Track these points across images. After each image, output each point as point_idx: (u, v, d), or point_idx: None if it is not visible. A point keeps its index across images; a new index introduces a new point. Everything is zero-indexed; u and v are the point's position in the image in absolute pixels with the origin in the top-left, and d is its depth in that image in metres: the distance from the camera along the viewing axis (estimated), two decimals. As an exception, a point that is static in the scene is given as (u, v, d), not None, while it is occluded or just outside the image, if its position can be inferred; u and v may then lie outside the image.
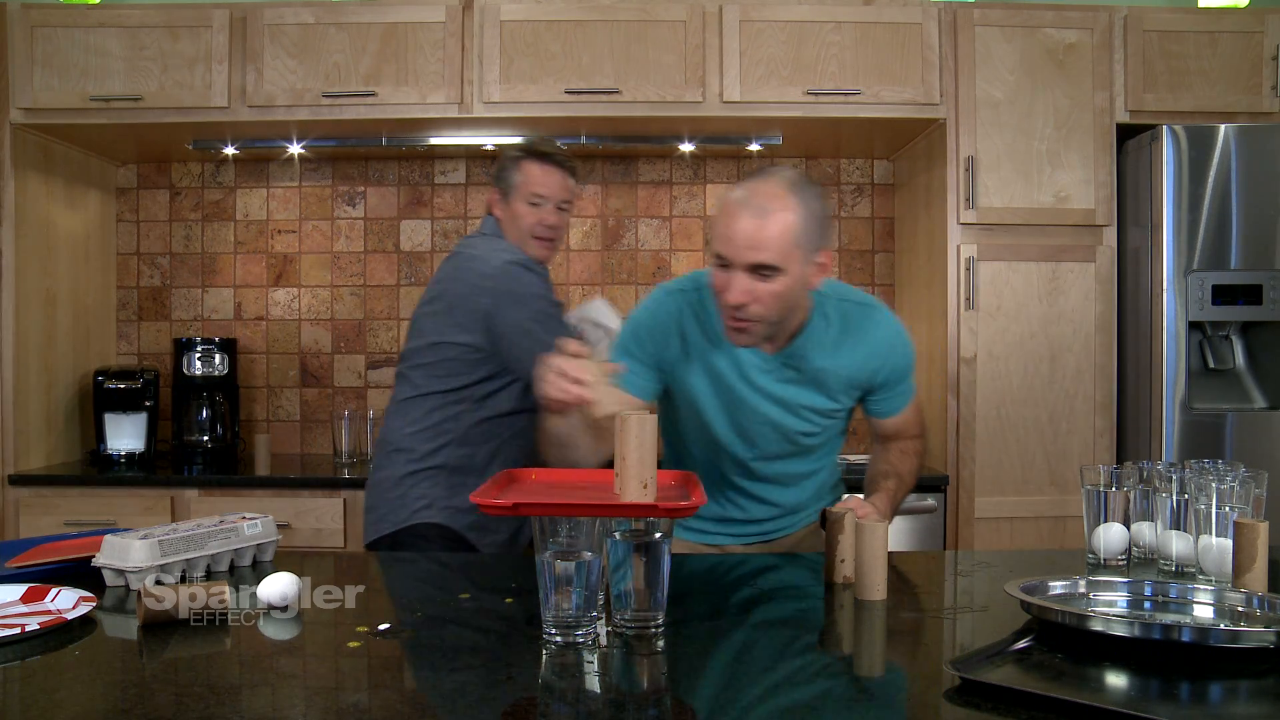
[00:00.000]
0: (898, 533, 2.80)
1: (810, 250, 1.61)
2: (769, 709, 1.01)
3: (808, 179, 1.65)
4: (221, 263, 3.44)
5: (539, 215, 2.22)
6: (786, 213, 1.57)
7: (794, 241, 1.57)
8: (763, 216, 1.56)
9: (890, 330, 1.79)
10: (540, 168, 2.23)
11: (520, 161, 2.25)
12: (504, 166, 2.27)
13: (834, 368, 1.75)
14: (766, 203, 1.57)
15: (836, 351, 1.74)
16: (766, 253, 1.56)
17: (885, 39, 2.87)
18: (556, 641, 1.17)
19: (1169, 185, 2.71)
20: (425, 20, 2.87)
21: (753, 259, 1.56)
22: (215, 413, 3.19)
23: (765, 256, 1.56)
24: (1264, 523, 1.38)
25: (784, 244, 1.57)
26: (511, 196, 2.24)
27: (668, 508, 1.22)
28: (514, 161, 2.26)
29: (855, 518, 1.50)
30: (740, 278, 1.58)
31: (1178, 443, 2.72)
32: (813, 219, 1.60)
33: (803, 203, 1.58)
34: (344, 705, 1.03)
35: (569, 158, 2.28)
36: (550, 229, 2.24)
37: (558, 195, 2.24)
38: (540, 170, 2.24)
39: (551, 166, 2.24)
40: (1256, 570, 1.36)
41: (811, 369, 1.74)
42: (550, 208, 2.23)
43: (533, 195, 2.22)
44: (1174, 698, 1.02)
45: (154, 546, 1.42)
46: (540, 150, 2.26)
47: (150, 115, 2.88)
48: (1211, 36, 2.89)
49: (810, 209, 1.60)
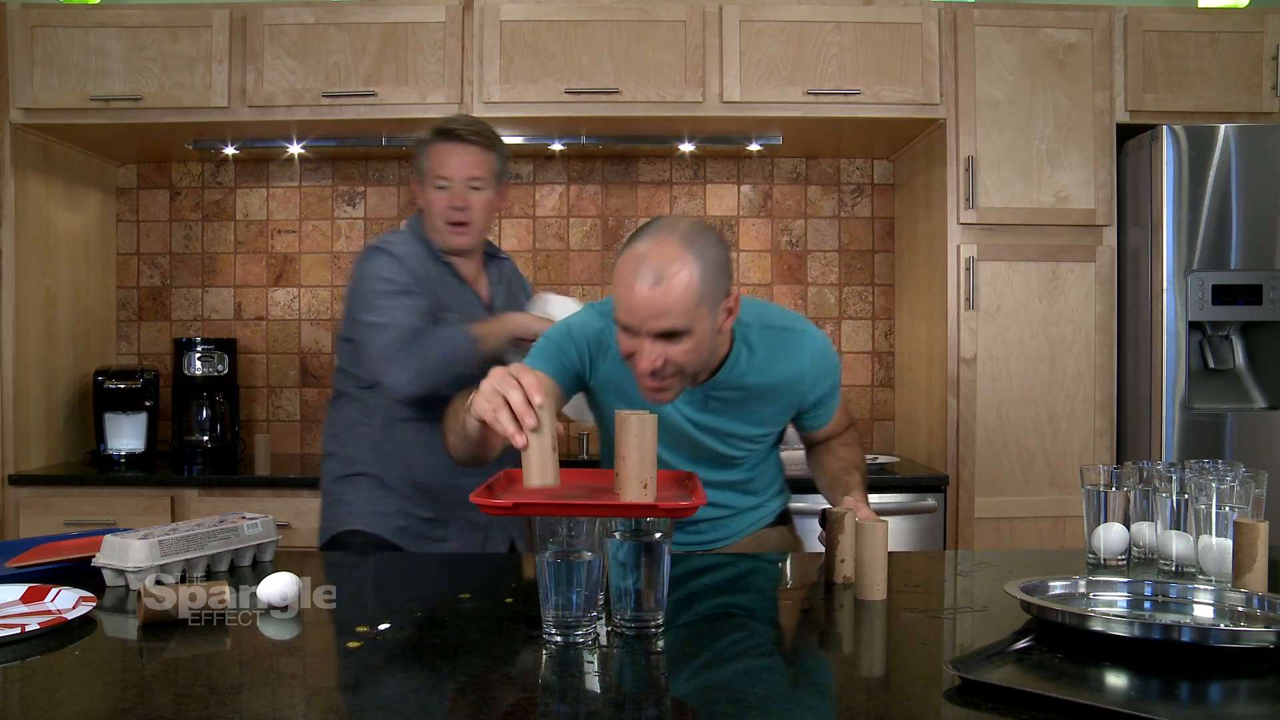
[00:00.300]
0: (898, 533, 2.80)
1: (715, 302, 1.55)
2: (769, 709, 1.01)
3: (702, 227, 1.58)
4: (221, 263, 3.44)
5: (446, 199, 2.07)
6: (684, 273, 1.49)
7: (697, 300, 1.51)
8: (662, 282, 1.48)
9: (817, 352, 1.75)
10: (442, 147, 2.09)
11: (426, 145, 2.12)
12: (417, 152, 2.14)
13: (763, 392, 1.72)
14: (663, 266, 1.49)
15: (764, 376, 1.72)
16: (670, 318, 1.50)
17: (885, 39, 2.87)
18: (556, 641, 1.17)
19: (1169, 185, 2.71)
20: (425, 20, 2.87)
21: (657, 327, 1.51)
22: (215, 413, 3.19)
23: (670, 323, 1.50)
24: (1264, 523, 1.38)
25: (687, 306, 1.50)
26: (424, 184, 2.12)
27: (668, 508, 1.22)
28: (422, 146, 2.13)
29: (855, 518, 1.50)
30: (648, 344, 1.53)
31: (1178, 443, 2.72)
32: (712, 270, 1.53)
33: (699, 257, 1.51)
34: (344, 705, 1.03)
35: (480, 130, 2.10)
36: (459, 211, 2.07)
37: (463, 174, 2.07)
38: (442, 150, 2.09)
39: (454, 144, 2.08)
40: (1256, 570, 1.36)
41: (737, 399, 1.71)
42: (458, 189, 2.07)
43: (437, 179, 2.08)
44: (1174, 698, 1.02)
45: (154, 546, 1.42)
46: (443, 129, 2.10)
47: (150, 115, 2.88)
48: (1211, 36, 2.89)
49: (708, 261, 1.52)
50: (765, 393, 1.73)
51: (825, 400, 1.81)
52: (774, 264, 3.43)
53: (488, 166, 2.10)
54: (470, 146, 2.08)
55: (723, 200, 3.43)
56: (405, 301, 2.01)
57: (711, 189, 3.43)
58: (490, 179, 2.11)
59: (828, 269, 3.44)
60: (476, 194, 2.08)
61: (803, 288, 3.44)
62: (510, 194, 2.14)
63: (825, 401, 1.81)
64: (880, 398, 3.44)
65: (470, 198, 2.08)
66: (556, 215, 3.43)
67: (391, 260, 2.05)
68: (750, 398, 1.72)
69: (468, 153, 2.08)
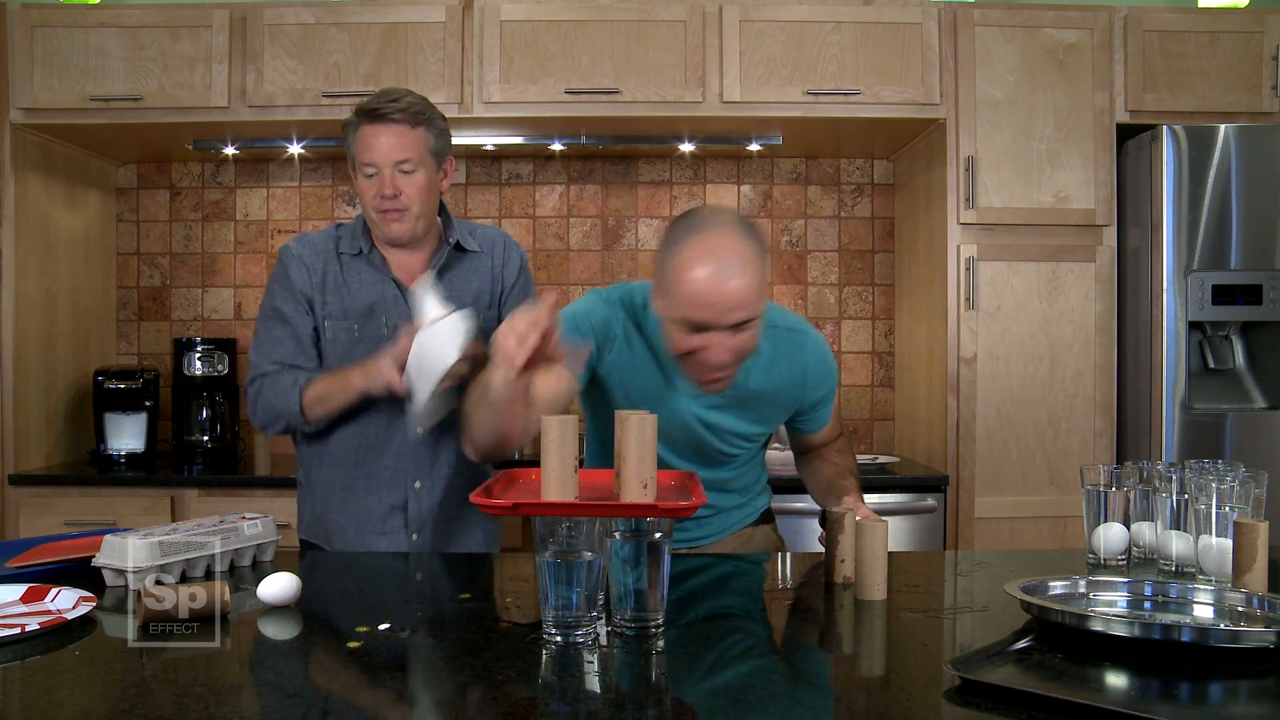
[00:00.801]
0: (898, 532, 2.80)
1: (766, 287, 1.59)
2: (769, 709, 1.01)
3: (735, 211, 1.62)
4: (221, 263, 3.44)
5: (375, 186, 1.86)
6: (752, 261, 1.52)
7: (761, 286, 1.55)
8: (741, 275, 1.50)
9: (818, 355, 1.78)
10: (366, 129, 1.86)
11: (351, 129, 1.89)
12: (345, 137, 1.92)
13: (765, 395, 1.73)
14: (737, 259, 1.51)
15: (767, 378, 1.73)
16: (748, 309, 1.53)
17: (885, 39, 2.87)
18: (556, 641, 1.17)
19: (1169, 185, 2.71)
20: (425, 20, 2.87)
21: (738, 319, 1.53)
22: (215, 413, 3.19)
23: (748, 313, 1.53)
24: (1264, 523, 1.38)
25: (761, 294, 1.54)
26: (354, 172, 1.91)
27: (668, 508, 1.22)
28: (351, 128, 1.89)
29: (855, 518, 1.50)
30: (724, 337, 1.54)
31: (1178, 443, 2.72)
32: (763, 256, 1.56)
33: (757, 244, 1.55)
34: (344, 705, 1.03)
35: (406, 106, 1.86)
36: (389, 200, 1.86)
37: (391, 157, 1.84)
38: (366, 133, 1.86)
39: (378, 125, 1.85)
40: (1256, 570, 1.36)
41: (742, 398, 1.72)
42: (386, 175, 1.85)
43: (365, 166, 1.86)
44: (1174, 698, 1.02)
45: (154, 546, 1.42)
46: (364, 108, 1.87)
47: (150, 115, 2.88)
48: (1211, 36, 2.89)
49: (760, 245, 1.56)
50: (768, 392, 1.74)
51: (823, 404, 1.82)
52: (774, 264, 3.43)
53: (418, 145, 1.87)
54: (395, 126, 1.85)
55: (723, 200, 3.43)
56: (275, 332, 1.93)
57: (711, 189, 3.43)
58: (423, 157, 1.88)
59: (828, 269, 3.44)
60: (408, 178, 1.87)
61: (803, 288, 3.44)
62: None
63: (822, 405, 1.83)
64: (880, 398, 3.44)
65: (401, 183, 1.86)
66: (556, 215, 3.43)
67: (281, 274, 1.94)
68: (753, 397, 1.73)
69: (393, 133, 1.85)
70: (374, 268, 1.95)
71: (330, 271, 1.94)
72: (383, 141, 1.84)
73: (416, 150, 1.87)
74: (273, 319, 1.94)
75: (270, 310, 1.95)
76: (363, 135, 1.86)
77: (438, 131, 1.91)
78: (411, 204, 1.88)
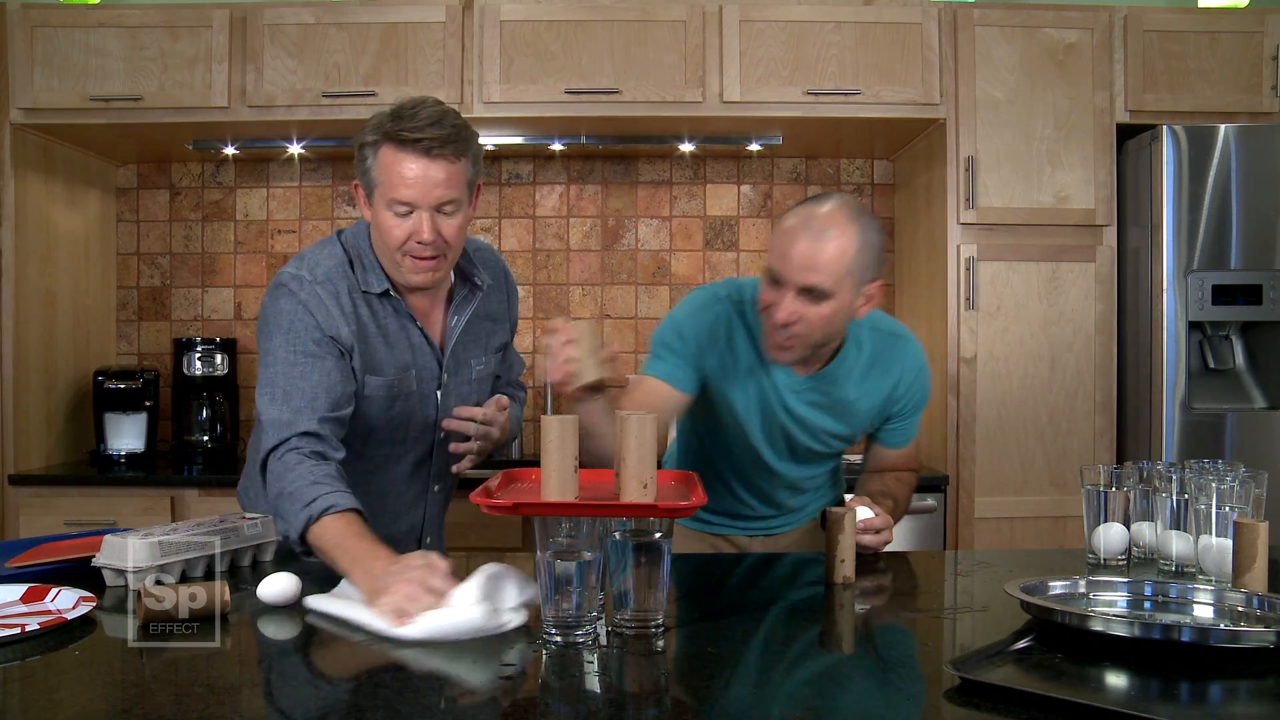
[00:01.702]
0: (898, 532, 2.78)
1: (861, 279, 1.61)
2: (769, 709, 1.01)
3: (868, 210, 1.66)
4: (221, 263, 3.44)
5: (408, 228, 1.54)
6: (844, 239, 1.56)
7: (847, 268, 1.57)
8: (820, 239, 1.56)
9: (916, 363, 1.80)
10: (397, 156, 1.52)
11: (379, 147, 1.55)
12: (361, 153, 1.59)
13: (860, 398, 1.75)
14: (826, 226, 1.56)
15: (864, 380, 1.75)
16: (820, 275, 1.56)
17: (885, 39, 2.87)
18: (556, 641, 1.17)
19: (1169, 185, 2.71)
20: (425, 20, 2.87)
21: (806, 280, 1.56)
22: (215, 413, 3.19)
23: (818, 279, 1.56)
24: (1264, 523, 1.38)
25: (838, 269, 1.57)
26: (371, 197, 1.59)
27: (668, 508, 1.22)
28: (372, 148, 1.56)
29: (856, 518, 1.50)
30: (790, 297, 1.58)
31: (1178, 443, 2.72)
32: (869, 249, 1.60)
33: (861, 231, 1.58)
34: (344, 705, 1.03)
35: (447, 135, 1.52)
36: (426, 246, 1.55)
37: (432, 197, 1.52)
38: (398, 162, 1.52)
39: (415, 156, 1.51)
40: (1256, 570, 1.36)
41: (838, 397, 1.75)
42: (426, 218, 1.53)
43: (395, 203, 1.54)
44: (1174, 698, 1.02)
45: (154, 546, 1.42)
46: (396, 133, 1.52)
47: (150, 115, 2.88)
48: (1211, 36, 2.89)
49: (868, 238, 1.59)
50: (863, 395, 1.76)
51: (909, 415, 1.82)
52: (774, 264, 3.43)
53: (460, 180, 1.55)
54: (439, 161, 1.52)
55: (723, 200, 3.43)
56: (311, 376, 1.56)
57: (711, 189, 3.43)
58: (464, 194, 1.57)
59: (828, 269, 3.44)
60: (449, 220, 1.55)
61: (803, 288, 3.44)
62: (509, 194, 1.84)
63: (908, 416, 1.82)
64: (880, 398, 3.43)
65: (441, 226, 1.55)
66: (556, 215, 3.43)
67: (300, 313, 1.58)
68: (850, 400, 1.75)
69: (437, 168, 1.52)
70: (400, 313, 1.67)
71: (362, 314, 1.63)
72: (423, 176, 1.52)
73: (459, 188, 1.55)
74: (299, 363, 1.56)
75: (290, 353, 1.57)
76: (393, 163, 1.53)
77: (474, 157, 1.58)
78: (449, 250, 1.58)
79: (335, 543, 1.40)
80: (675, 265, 3.42)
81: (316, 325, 1.58)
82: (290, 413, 1.53)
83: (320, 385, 1.55)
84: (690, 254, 3.43)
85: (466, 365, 1.76)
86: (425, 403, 1.71)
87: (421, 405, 1.71)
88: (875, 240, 1.62)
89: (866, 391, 1.76)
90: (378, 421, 1.67)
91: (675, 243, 3.43)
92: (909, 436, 1.86)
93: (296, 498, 1.45)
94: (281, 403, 1.54)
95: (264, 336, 1.62)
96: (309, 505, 1.43)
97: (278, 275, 1.65)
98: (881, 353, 1.76)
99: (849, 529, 1.49)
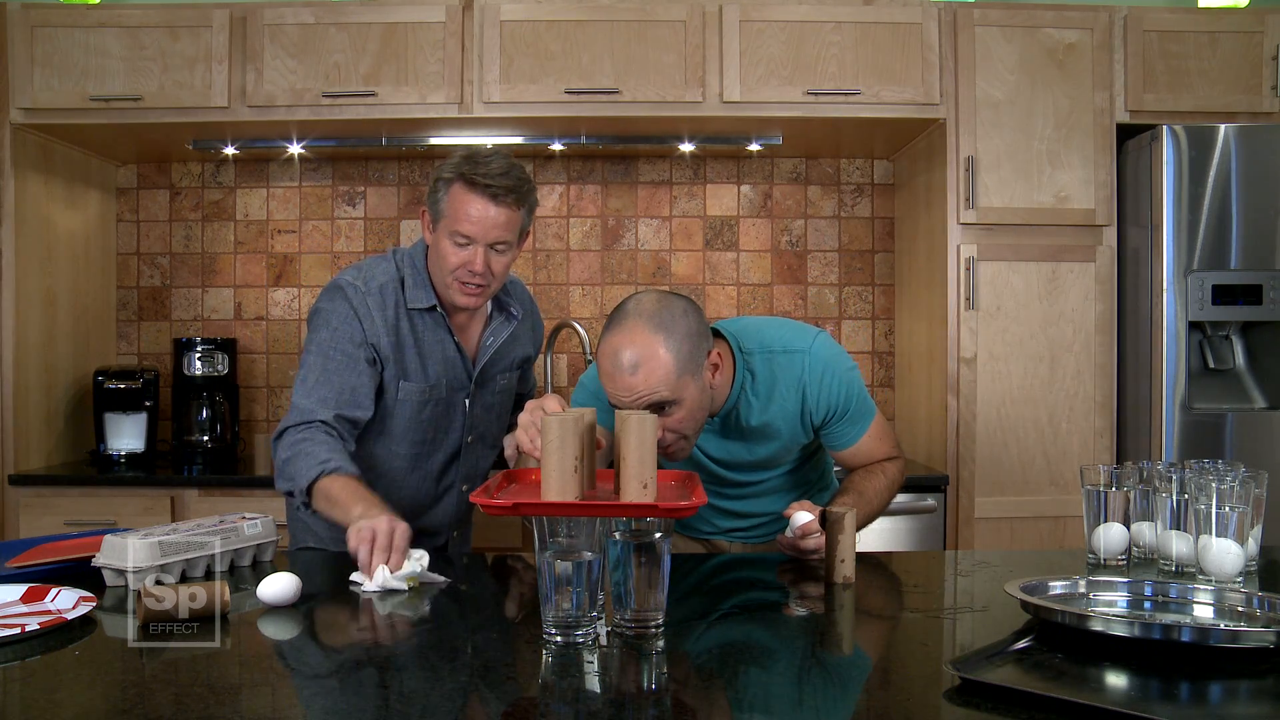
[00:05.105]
0: (898, 532, 2.80)
1: (696, 367, 1.60)
2: (769, 709, 1.01)
3: (668, 300, 1.60)
4: (221, 263, 3.44)
5: (464, 258, 1.79)
6: (653, 359, 1.55)
7: (676, 374, 1.56)
8: (636, 373, 1.55)
9: (815, 370, 1.73)
10: (468, 197, 1.78)
11: (451, 184, 1.80)
12: (435, 185, 1.84)
13: (771, 419, 1.74)
14: (635, 354, 1.55)
15: (769, 404, 1.74)
16: (656, 394, 1.56)
17: (885, 39, 2.87)
18: (556, 641, 1.17)
19: (1169, 185, 2.71)
20: (425, 20, 2.87)
21: (649, 403, 1.57)
22: (215, 413, 3.18)
23: (658, 398, 1.57)
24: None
25: (669, 381, 1.56)
26: (436, 225, 1.84)
27: (668, 508, 1.22)
28: (445, 184, 1.81)
29: (854, 518, 1.50)
30: None
31: (1178, 443, 2.72)
32: (686, 341, 1.57)
33: (667, 338, 1.56)
34: (344, 705, 1.03)
35: (514, 186, 1.79)
36: (476, 275, 1.80)
37: (490, 235, 1.78)
38: (466, 201, 1.78)
39: (483, 198, 1.77)
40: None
41: (750, 427, 1.75)
42: (481, 251, 1.79)
43: (457, 234, 1.79)
44: (1174, 698, 1.02)
45: (154, 546, 1.42)
46: (471, 176, 1.78)
47: (150, 115, 2.88)
48: (1211, 36, 2.89)
49: (679, 335, 1.57)
50: (772, 417, 1.75)
51: (838, 417, 1.77)
52: (774, 264, 3.43)
53: (515, 225, 1.81)
54: (502, 207, 1.78)
55: (723, 200, 3.43)
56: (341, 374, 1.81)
57: (711, 189, 3.43)
58: (516, 238, 1.83)
59: (828, 269, 3.44)
60: (499, 257, 1.82)
61: (803, 288, 3.44)
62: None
63: (839, 418, 1.77)
64: (880, 398, 3.43)
65: (492, 261, 1.81)
66: (556, 215, 3.43)
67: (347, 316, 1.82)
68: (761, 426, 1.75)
69: (498, 212, 1.78)
70: (441, 327, 1.90)
71: (403, 328, 1.87)
72: (485, 217, 1.77)
73: (513, 232, 1.81)
74: (334, 359, 1.81)
75: (331, 350, 1.81)
76: (463, 201, 1.78)
77: (530, 208, 1.85)
78: (493, 281, 1.84)
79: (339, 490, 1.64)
80: (675, 265, 3.42)
81: (360, 330, 1.82)
82: (314, 403, 1.78)
83: (345, 385, 1.80)
84: (690, 254, 3.43)
85: (493, 379, 2.01)
86: (454, 410, 1.95)
87: (450, 411, 1.95)
88: (687, 328, 1.58)
89: (775, 414, 1.74)
90: (411, 423, 1.91)
91: (675, 243, 3.43)
92: (858, 432, 1.79)
93: (313, 456, 1.69)
94: (309, 392, 1.79)
95: (313, 329, 1.86)
96: (324, 462, 1.68)
97: (336, 278, 1.88)
98: (776, 373, 1.73)
99: (849, 529, 1.49)
